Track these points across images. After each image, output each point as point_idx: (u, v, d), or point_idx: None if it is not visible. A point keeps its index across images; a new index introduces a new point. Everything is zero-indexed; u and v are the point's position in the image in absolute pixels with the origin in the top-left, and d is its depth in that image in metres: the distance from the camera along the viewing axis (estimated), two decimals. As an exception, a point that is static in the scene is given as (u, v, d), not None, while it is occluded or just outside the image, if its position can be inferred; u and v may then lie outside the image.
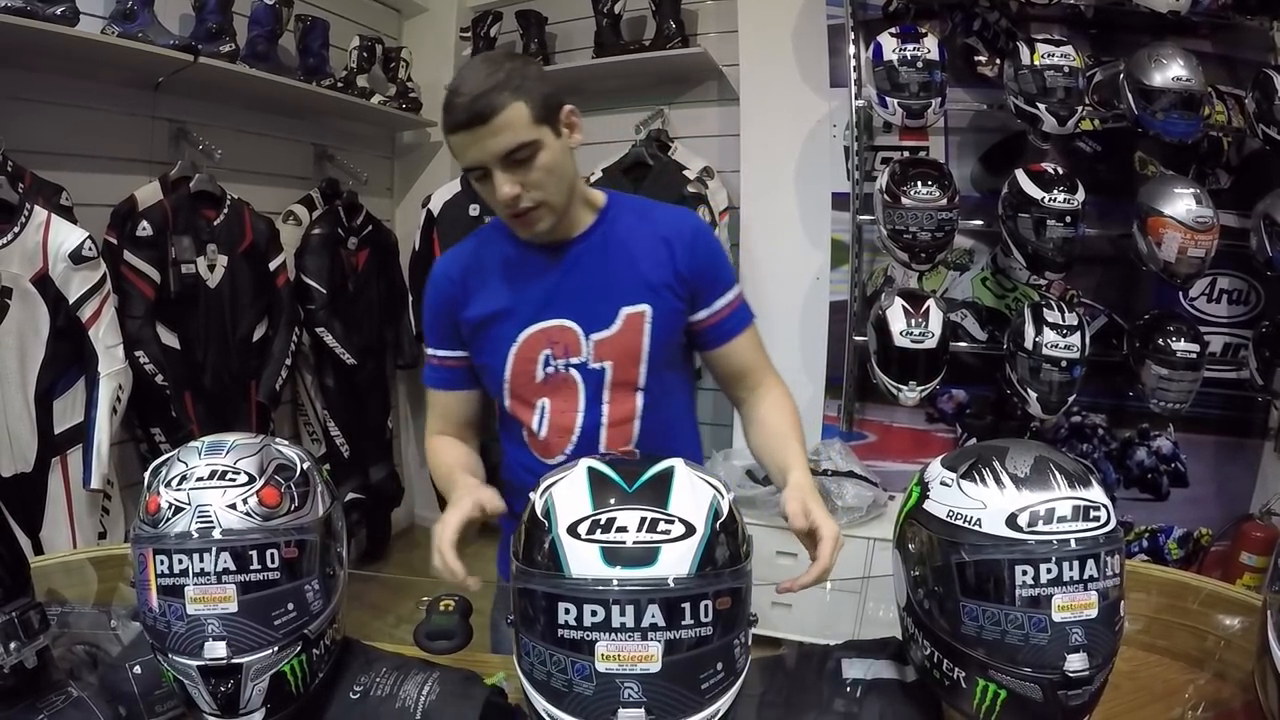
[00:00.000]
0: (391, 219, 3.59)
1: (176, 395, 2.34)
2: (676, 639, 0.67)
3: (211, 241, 2.43)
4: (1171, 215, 2.30)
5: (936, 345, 2.41)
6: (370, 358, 3.08)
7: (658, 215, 1.23)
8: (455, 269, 1.24)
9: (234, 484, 0.80)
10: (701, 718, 0.69)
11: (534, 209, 1.08)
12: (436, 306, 1.25)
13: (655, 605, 0.66)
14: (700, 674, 0.69)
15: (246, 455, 0.83)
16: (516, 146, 1.03)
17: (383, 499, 3.22)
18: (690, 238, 1.19)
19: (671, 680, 0.67)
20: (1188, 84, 2.29)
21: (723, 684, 0.71)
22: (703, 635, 0.68)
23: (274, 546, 0.80)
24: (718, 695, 0.70)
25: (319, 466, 0.92)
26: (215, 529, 0.78)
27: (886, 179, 2.41)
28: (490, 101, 1.01)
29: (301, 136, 3.10)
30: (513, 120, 1.02)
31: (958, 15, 2.74)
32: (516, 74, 1.03)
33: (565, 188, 1.11)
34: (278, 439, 0.90)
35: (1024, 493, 0.79)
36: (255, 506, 0.80)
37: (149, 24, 2.23)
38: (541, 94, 1.05)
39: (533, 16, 3.23)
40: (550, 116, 1.07)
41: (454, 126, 1.04)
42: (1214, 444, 2.80)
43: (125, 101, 2.41)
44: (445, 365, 1.26)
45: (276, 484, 0.82)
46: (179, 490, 0.80)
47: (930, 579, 0.83)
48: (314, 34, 2.86)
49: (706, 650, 0.69)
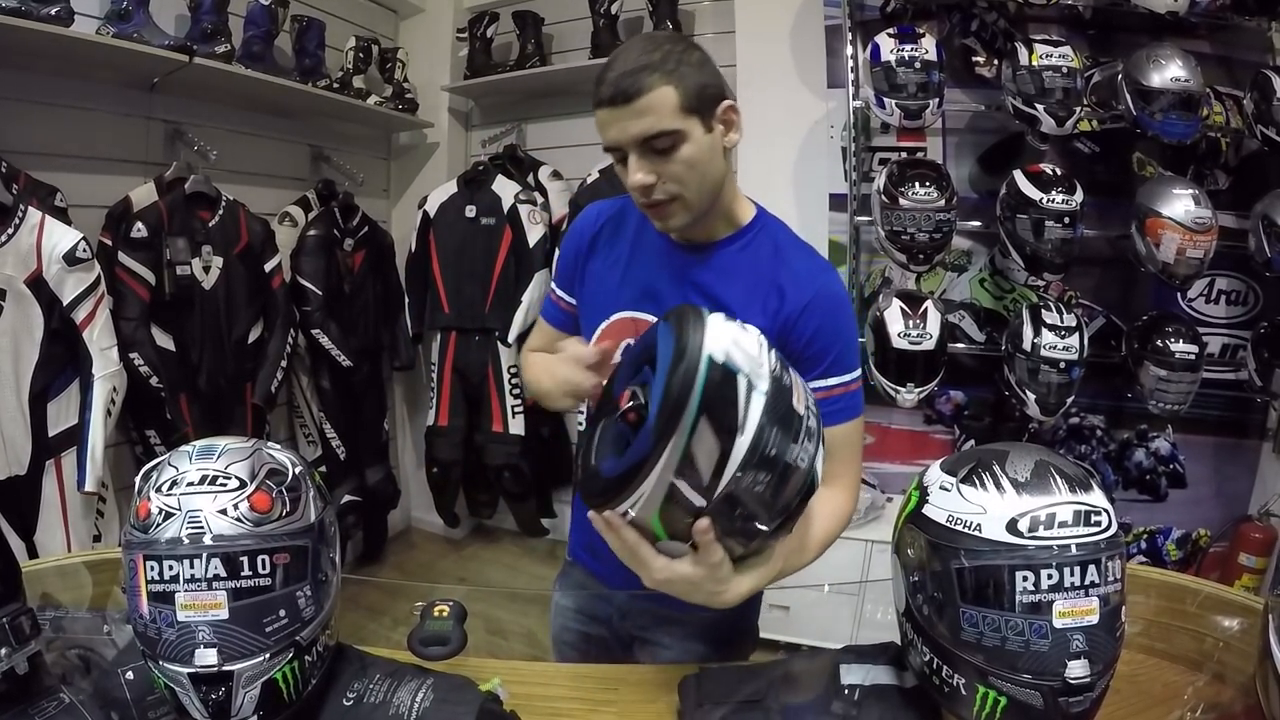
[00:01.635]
0: (388, 220, 3.59)
1: (171, 397, 2.33)
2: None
3: (207, 243, 2.42)
4: (1170, 216, 2.30)
5: (935, 347, 2.39)
6: (366, 359, 3.06)
7: (789, 258, 1.12)
8: (601, 220, 1.23)
9: (225, 489, 0.79)
10: None
11: (667, 202, 1.03)
12: (570, 246, 1.25)
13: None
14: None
15: (238, 460, 0.82)
16: (657, 133, 0.97)
17: (379, 501, 3.21)
18: (810, 298, 1.07)
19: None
20: (1186, 84, 2.28)
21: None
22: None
23: (265, 553, 0.79)
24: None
25: (311, 471, 0.91)
26: (206, 535, 0.77)
27: (884, 180, 2.40)
28: (637, 81, 0.95)
29: (297, 137, 3.09)
30: (657, 104, 0.96)
31: (955, 16, 2.74)
32: (673, 57, 0.97)
33: (708, 187, 1.05)
34: (270, 443, 0.89)
35: (1024, 497, 0.78)
36: (246, 512, 0.79)
37: (144, 24, 2.23)
38: (697, 83, 0.99)
39: (530, 17, 3.23)
40: (703, 108, 1.00)
41: (598, 101, 0.99)
42: (1212, 445, 2.80)
43: (120, 102, 2.40)
44: (559, 305, 1.28)
45: (268, 489, 0.81)
46: (169, 495, 0.79)
47: (929, 585, 0.82)
48: (310, 34, 2.85)
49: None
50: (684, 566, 0.79)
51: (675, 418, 0.71)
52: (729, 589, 0.82)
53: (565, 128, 3.39)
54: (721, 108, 1.03)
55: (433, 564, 3.43)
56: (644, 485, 0.73)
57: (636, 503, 0.75)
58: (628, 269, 1.17)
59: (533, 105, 3.45)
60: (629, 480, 0.74)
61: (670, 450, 0.72)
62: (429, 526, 3.67)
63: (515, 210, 3.07)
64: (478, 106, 3.67)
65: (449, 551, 3.56)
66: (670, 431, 0.71)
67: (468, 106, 3.66)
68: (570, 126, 3.37)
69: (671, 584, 0.80)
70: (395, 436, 3.62)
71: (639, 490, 0.74)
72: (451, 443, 3.17)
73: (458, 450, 3.18)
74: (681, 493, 0.73)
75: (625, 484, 0.75)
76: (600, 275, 1.20)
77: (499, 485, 3.22)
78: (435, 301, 3.21)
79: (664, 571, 0.80)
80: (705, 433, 0.71)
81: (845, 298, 1.12)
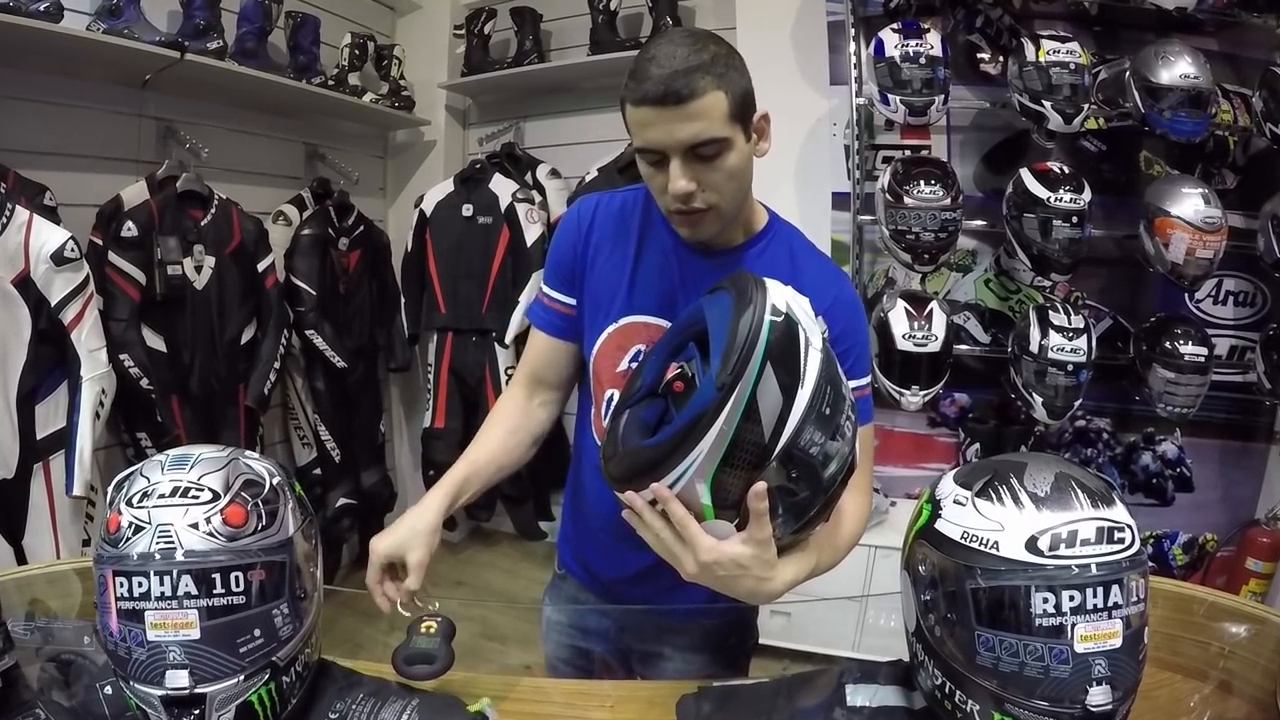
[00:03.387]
0: (384, 219, 3.55)
1: (162, 399, 2.29)
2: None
3: (198, 242, 2.38)
4: (1179, 216, 2.26)
5: (940, 349, 2.35)
6: (362, 360, 3.02)
7: (803, 265, 1.10)
8: (599, 213, 1.16)
9: (197, 502, 0.76)
10: None
11: (705, 211, 0.99)
12: (566, 242, 1.17)
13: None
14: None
15: (211, 471, 0.78)
16: (707, 140, 0.92)
17: (375, 504, 3.17)
18: (829, 304, 1.01)
19: None
20: (1195, 82, 2.25)
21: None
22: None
23: (239, 569, 0.75)
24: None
25: (291, 481, 0.87)
26: (177, 550, 0.73)
27: (889, 178, 2.37)
28: (691, 83, 0.90)
29: (292, 135, 3.05)
30: (710, 110, 0.91)
31: (960, 12, 2.70)
32: (722, 60, 0.93)
33: (741, 197, 1.03)
34: (248, 452, 0.86)
35: (1044, 513, 0.74)
36: (219, 526, 0.75)
37: (135, 20, 2.19)
38: (742, 90, 0.95)
39: (527, 13, 3.19)
40: (745, 116, 0.97)
41: (642, 99, 0.91)
42: (1219, 448, 2.76)
43: (111, 99, 2.37)
44: (555, 309, 1.19)
45: (242, 501, 0.77)
46: (139, 508, 0.75)
47: (942, 604, 0.77)
48: (304, 31, 2.81)
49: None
50: (733, 546, 0.78)
51: (743, 364, 0.71)
52: (775, 576, 0.82)
53: (563, 125, 3.36)
54: (757, 116, 1.01)
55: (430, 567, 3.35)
56: (704, 441, 0.72)
57: (690, 466, 0.73)
58: (635, 269, 1.12)
59: (531, 103, 3.42)
60: (686, 438, 0.73)
61: (735, 398, 0.71)
62: (427, 529, 3.63)
63: (513, 209, 3.03)
64: (475, 104, 3.63)
65: (446, 555, 3.52)
66: (737, 378, 0.71)
67: (465, 104, 3.63)
68: (569, 124, 3.34)
69: (719, 566, 0.79)
70: (392, 439, 3.58)
71: (697, 449, 0.72)
72: (448, 445, 3.12)
73: (454, 452, 3.10)
74: (743, 448, 0.72)
75: (681, 444, 0.73)
76: (604, 275, 1.13)
77: (496, 488, 3.16)
78: (431, 302, 3.17)
79: (712, 552, 0.78)
80: (770, 381, 0.72)
81: (859, 303, 1.11)
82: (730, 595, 0.83)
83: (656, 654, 1.24)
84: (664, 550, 0.81)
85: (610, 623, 1.27)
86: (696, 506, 0.76)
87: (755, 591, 0.82)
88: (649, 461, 0.76)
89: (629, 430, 0.85)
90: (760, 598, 0.83)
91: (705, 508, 0.76)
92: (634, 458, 0.79)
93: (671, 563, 0.81)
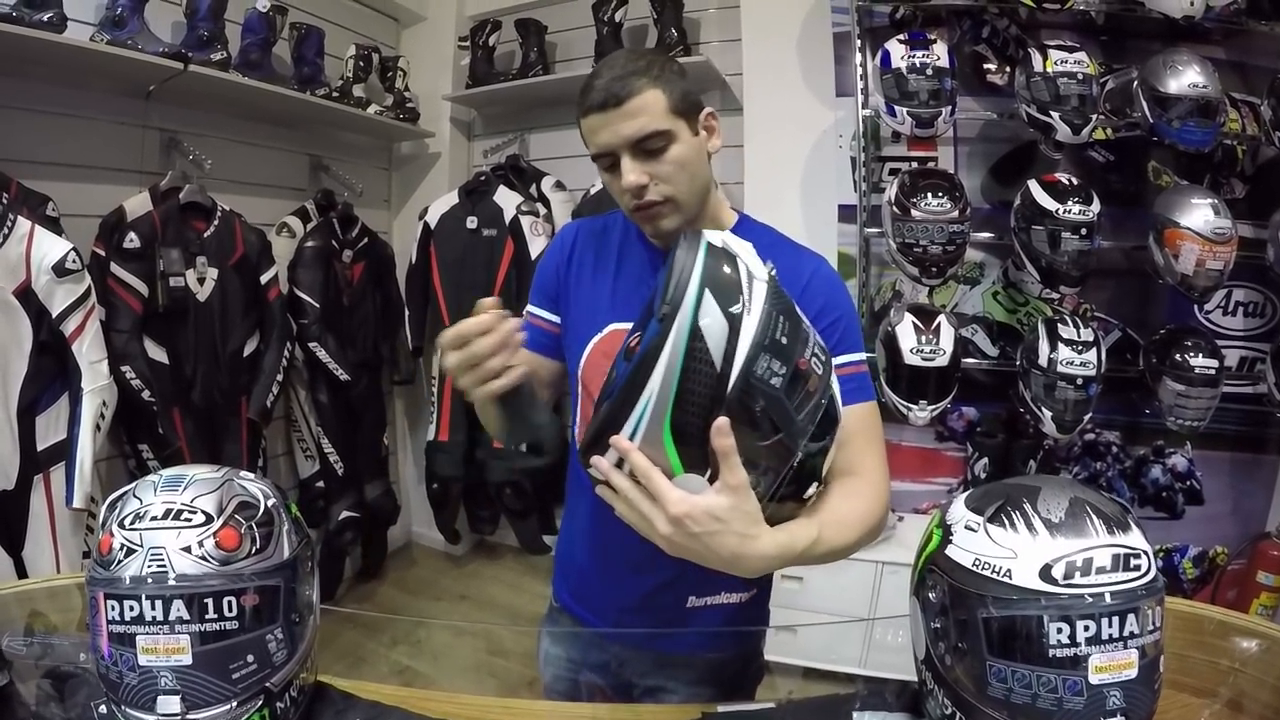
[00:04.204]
0: (388, 231, 3.55)
1: (164, 411, 2.28)
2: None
3: (201, 254, 2.37)
4: (1189, 227, 2.24)
5: (948, 363, 2.33)
6: (365, 373, 3.01)
7: (780, 253, 1.09)
8: (581, 235, 1.22)
9: (190, 524, 0.74)
10: None
11: (660, 204, 1.03)
12: (550, 263, 1.23)
13: None
14: None
15: (205, 492, 0.77)
16: (649, 134, 0.99)
17: (378, 517, 3.15)
18: (806, 280, 1.07)
19: None
20: (1205, 91, 2.23)
21: None
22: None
23: (233, 593, 0.73)
24: None
25: (287, 503, 0.85)
26: (169, 574, 0.72)
27: (896, 190, 2.35)
28: (627, 85, 0.98)
29: (296, 147, 3.05)
30: (649, 105, 0.99)
31: (966, 22, 2.68)
32: (656, 65, 1.02)
33: (697, 188, 1.06)
34: (243, 472, 0.84)
35: (1059, 540, 0.72)
36: (212, 549, 0.74)
37: (139, 31, 2.19)
38: (681, 89, 1.02)
39: (532, 25, 3.19)
40: (688, 111, 1.03)
41: (587, 108, 1.01)
42: (1230, 460, 2.74)
43: (115, 110, 2.36)
44: (538, 326, 1.21)
45: (236, 524, 0.76)
46: (132, 530, 0.74)
47: (953, 633, 0.75)
48: (309, 42, 2.81)
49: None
50: (706, 497, 0.73)
51: (680, 291, 0.70)
52: (759, 534, 0.75)
53: (569, 138, 3.32)
54: (703, 114, 1.07)
55: (433, 580, 3.37)
56: (653, 378, 0.70)
57: (645, 409, 0.71)
58: (616, 282, 1.15)
59: (536, 115, 3.41)
60: (636, 379, 0.71)
61: (678, 327, 0.70)
62: (430, 542, 3.61)
63: (517, 222, 3.03)
64: (480, 116, 3.63)
65: (450, 568, 3.50)
66: (676, 305, 0.70)
67: (470, 116, 3.62)
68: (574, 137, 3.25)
69: (691, 520, 0.72)
70: (395, 451, 3.56)
71: (648, 388, 0.70)
72: (452, 459, 3.11)
73: (459, 466, 3.12)
74: (695, 381, 0.70)
75: (632, 387, 0.71)
76: (588, 290, 1.17)
77: (500, 502, 3.16)
78: (436, 314, 3.16)
79: (682, 504, 0.72)
80: (711, 306, 0.71)
81: (840, 280, 1.12)
82: (716, 566, 0.76)
83: (659, 688, 1.21)
84: (635, 517, 0.75)
85: (609, 656, 1.23)
86: (663, 461, 0.72)
87: (740, 553, 0.74)
88: (606, 417, 0.73)
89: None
90: (749, 563, 0.75)
91: (673, 460, 0.72)
92: (594, 420, 0.76)
93: (646, 533, 0.75)
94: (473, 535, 3.62)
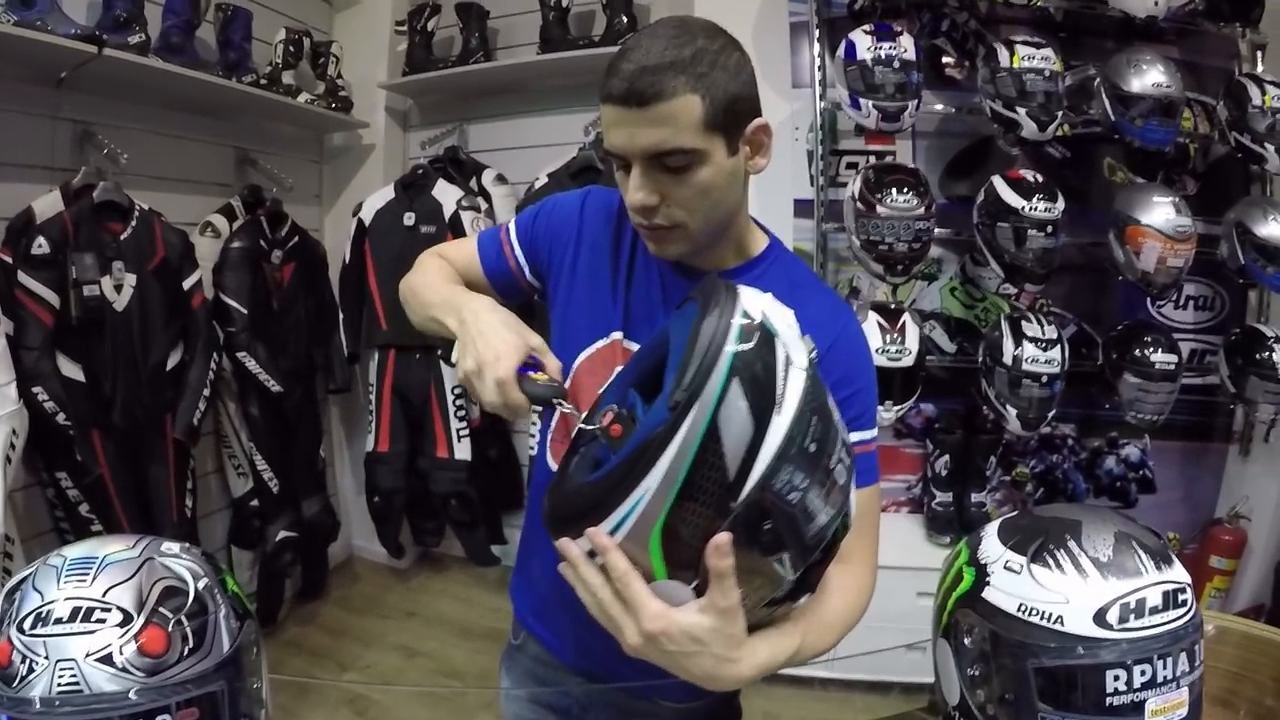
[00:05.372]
0: (320, 229, 3.34)
1: (82, 435, 2.07)
2: None
3: (118, 259, 2.16)
4: (1150, 224, 2.25)
5: (914, 363, 2.28)
6: (298, 383, 2.82)
7: (805, 299, 0.89)
8: (600, 213, 1.03)
9: (104, 625, 0.61)
10: None
11: (667, 229, 0.87)
12: (557, 217, 1.05)
13: None
14: None
15: (120, 581, 0.63)
16: (672, 150, 0.81)
17: (318, 535, 2.97)
18: (832, 342, 0.90)
19: None
20: (1168, 90, 2.25)
21: None
22: None
23: (165, 711, 0.60)
24: None
25: (222, 577, 0.71)
26: (84, 693, 0.58)
27: (860, 186, 2.28)
28: (659, 83, 0.78)
29: (221, 139, 2.83)
30: (678, 115, 0.79)
31: (926, 15, 2.64)
32: (705, 58, 0.80)
33: (718, 217, 0.89)
34: (165, 543, 0.70)
35: (1110, 581, 0.68)
36: (134, 657, 0.60)
37: (49, 11, 1.98)
38: (729, 95, 0.82)
39: (474, 9, 3.03)
40: (730, 126, 0.83)
41: (608, 95, 0.81)
42: (1180, 449, 2.82)
43: (23, 100, 2.14)
44: (504, 255, 1.07)
45: (162, 620, 0.63)
46: (32, 636, 0.60)
47: (996, 682, 0.71)
48: (235, 25, 2.60)
49: None
50: (687, 615, 0.62)
51: (703, 377, 0.57)
52: (741, 657, 0.66)
53: (511, 128, 3.21)
54: (752, 127, 0.87)
55: (379, 597, 3.20)
56: (651, 475, 0.57)
57: (635, 508, 0.59)
58: (623, 287, 1.00)
59: (476, 104, 3.25)
60: (630, 472, 0.58)
61: (692, 420, 0.57)
62: (372, 556, 3.44)
63: (457, 217, 2.87)
64: (417, 105, 3.45)
65: (395, 583, 3.33)
66: (694, 395, 0.57)
67: (406, 105, 3.45)
68: (516, 127, 3.19)
69: (667, 638, 0.63)
70: (333, 463, 3.37)
71: (643, 485, 0.58)
72: (393, 470, 2.95)
73: (400, 478, 2.96)
74: (700, 487, 0.58)
75: (624, 480, 0.59)
76: (588, 283, 1.01)
77: (446, 513, 3.02)
78: (372, 317, 2.99)
79: (658, 620, 0.62)
80: (737, 402, 0.57)
81: (867, 345, 0.96)
82: (684, 678, 0.67)
83: None
84: (603, 615, 0.65)
85: (572, 700, 1.11)
86: (645, 563, 0.62)
87: (715, 675, 0.66)
88: (587, 501, 0.62)
89: (578, 468, 0.71)
90: (722, 683, 0.67)
91: (656, 565, 0.61)
92: (571, 497, 0.65)
93: (612, 632, 0.66)
94: (417, 547, 3.46)
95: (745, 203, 0.95)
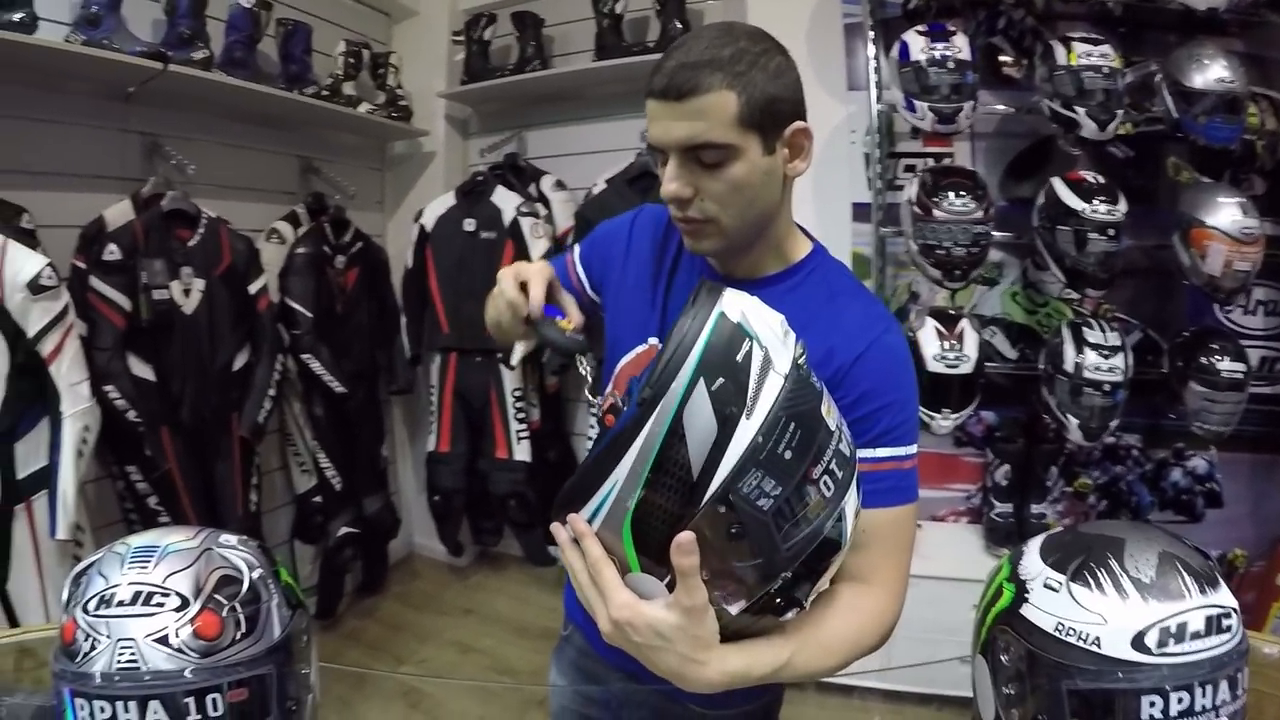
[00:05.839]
0: (382, 235, 3.43)
1: (151, 431, 2.17)
2: None
3: (186, 264, 2.25)
4: (1215, 226, 2.16)
5: (972, 370, 2.24)
6: (361, 384, 2.90)
7: (845, 305, 0.95)
8: (648, 226, 1.09)
9: (163, 609, 0.64)
10: None
11: (701, 222, 0.89)
12: (614, 236, 1.12)
13: None
14: None
15: (179, 569, 0.67)
16: (705, 144, 0.83)
17: (378, 531, 3.06)
18: (863, 349, 0.89)
19: None
20: (1231, 86, 2.15)
21: None
22: None
23: (216, 690, 0.64)
24: None
25: (276, 568, 0.75)
26: (142, 671, 0.62)
27: (917, 189, 2.25)
28: (694, 78, 0.81)
29: (284, 149, 2.93)
30: (712, 109, 0.82)
31: (981, 14, 2.59)
32: (745, 58, 0.83)
33: (752, 216, 0.90)
34: (224, 535, 0.74)
35: (1151, 603, 0.66)
36: (190, 639, 0.64)
37: (115, 30, 2.08)
38: (767, 94, 0.83)
39: (529, 18, 3.08)
40: (767, 125, 0.85)
41: (650, 90, 0.85)
42: (1249, 462, 2.68)
43: (93, 114, 2.25)
44: (569, 274, 1.14)
45: (216, 606, 0.66)
46: (96, 617, 0.64)
47: (1030, 703, 0.69)
48: (296, 39, 2.70)
49: None
50: (653, 609, 0.64)
51: (670, 374, 0.59)
52: (709, 660, 0.67)
53: (569, 135, 3.25)
54: (791, 129, 0.88)
55: (437, 594, 3.27)
56: (619, 467, 0.60)
57: (606, 498, 0.61)
58: (662, 294, 1.03)
59: (534, 111, 3.30)
60: (603, 463, 0.61)
61: (657, 415, 0.59)
62: (432, 553, 3.51)
63: (517, 223, 2.92)
64: (476, 113, 3.52)
65: (453, 580, 3.40)
66: (660, 391, 0.59)
67: (465, 113, 3.51)
68: (574, 133, 3.24)
69: (632, 629, 0.65)
70: (395, 461, 3.46)
71: (613, 476, 0.60)
72: (453, 470, 3.01)
73: (460, 478, 3.03)
74: (664, 482, 0.60)
75: (598, 471, 0.61)
76: (633, 293, 1.06)
77: (504, 513, 3.07)
78: (434, 321, 3.05)
79: (624, 610, 0.65)
80: (702, 399, 0.59)
81: (907, 355, 0.94)
82: (654, 672, 0.69)
83: None
84: (583, 599, 0.68)
85: (611, 695, 1.13)
86: (620, 552, 0.64)
87: (681, 674, 0.67)
88: (570, 489, 0.65)
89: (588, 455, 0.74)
90: (690, 684, 0.68)
91: (630, 555, 0.64)
92: (564, 488, 0.68)
93: (591, 615, 0.68)
94: (476, 546, 3.53)
95: (786, 207, 0.96)
